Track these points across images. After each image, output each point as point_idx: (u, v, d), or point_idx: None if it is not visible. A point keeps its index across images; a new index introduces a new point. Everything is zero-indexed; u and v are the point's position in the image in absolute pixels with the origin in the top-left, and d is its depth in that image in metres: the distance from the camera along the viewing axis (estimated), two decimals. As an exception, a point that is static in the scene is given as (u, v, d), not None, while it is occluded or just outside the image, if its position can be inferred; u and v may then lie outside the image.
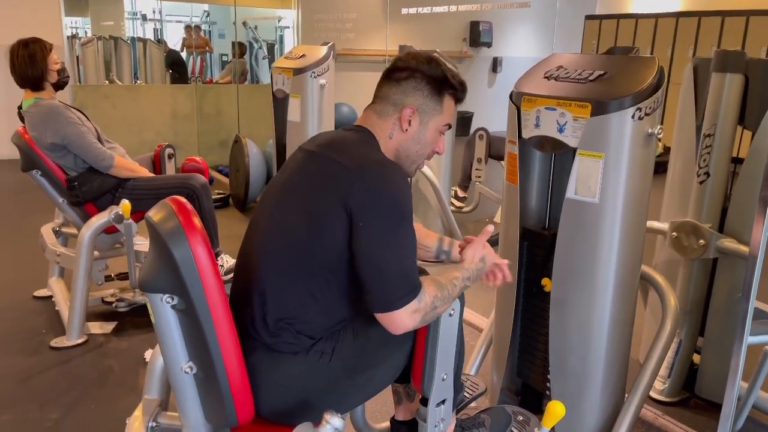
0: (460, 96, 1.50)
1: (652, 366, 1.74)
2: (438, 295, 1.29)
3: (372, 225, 1.25)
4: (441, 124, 1.47)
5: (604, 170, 1.59)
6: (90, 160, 2.59)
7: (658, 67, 1.58)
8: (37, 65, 2.54)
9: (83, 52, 8.61)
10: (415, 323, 1.26)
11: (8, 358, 2.47)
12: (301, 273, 1.29)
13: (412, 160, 1.47)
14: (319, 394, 1.29)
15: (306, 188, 1.34)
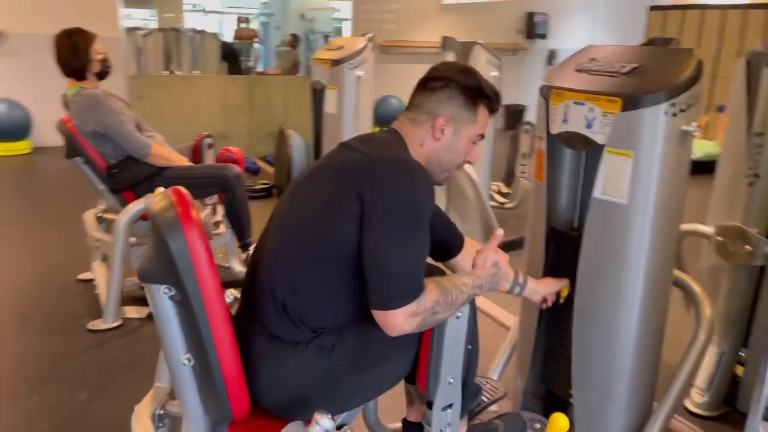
0: (495, 107, 1.50)
1: (683, 378, 1.64)
2: (440, 300, 1.25)
3: (383, 219, 1.22)
4: (475, 134, 1.47)
5: (634, 170, 1.50)
6: (129, 148, 2.65)
7: (696, 61, 1.47)
8: (80, 55, 2.61)
9: (144, 44, 8.90)
10: (412, 327, 1.22)
11: (47, 339, 2.57)
12: (312, 259, 1.28)
13: (443, 168, 1.47)
14: (318, 389, 1.28)
15: (328, 175, 1.35)
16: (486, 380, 1.87)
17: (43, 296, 2.96)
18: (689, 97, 1.46)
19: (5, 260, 3.43)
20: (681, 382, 1.63)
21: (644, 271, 1.57)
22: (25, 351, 2.49)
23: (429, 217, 1.28)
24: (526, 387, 2.03)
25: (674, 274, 1.70)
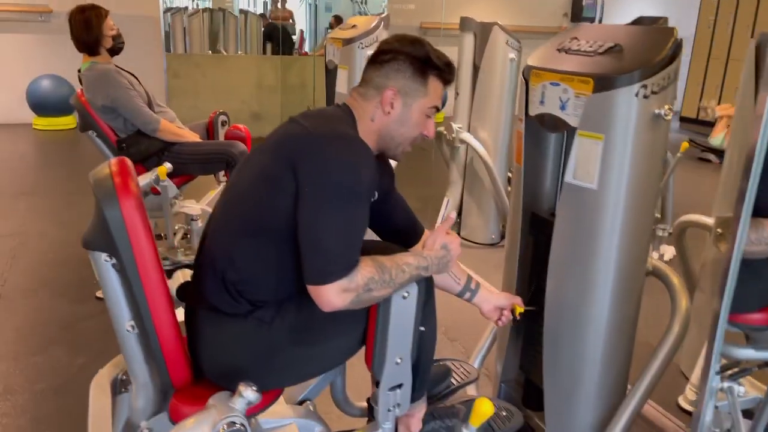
0: (447, 77, 1.45)
1: (655, 369, 1.57)
2: (375, 277, 1.23)
3: (316, 193, 1.22)
4: (426, 107, 1.43)
5: (604, 154, 1.44)
6: (137, 123, 2.72)
7: (674, 40, 1.40)
8: (93, 31, 2.69)
9: (189, 23, 9.07)
10: (344, 303, 1.21)
11: (57, 304, 2.69)
12: (250, 232, 1.29)
13: (397, 143, 1.44)
14: (258, 361, 1.29)
15: (268, 148, 1.36)
16: (460, 363, 1.86)
17: (62, 263, 3.09)
18: (662, 78, 1.39)
19: (35, 227, 3.60)
20: (652, 373, 1.57)
21: (615, 258, 1.52)
22: (35, 314, 2.61)
23: (368, 194, 1.27)
24: (507, 374, 2.01)
25: (653, 264, 1.64)
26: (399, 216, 1.61)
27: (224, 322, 1.29)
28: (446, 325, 2.65)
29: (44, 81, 6.25)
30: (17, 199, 4.09)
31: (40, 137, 6.13)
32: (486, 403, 1.22)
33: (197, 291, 1.34)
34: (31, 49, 6.55)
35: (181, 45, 8.45)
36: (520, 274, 1.84)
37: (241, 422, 1.11)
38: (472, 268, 3.26)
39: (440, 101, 1.46)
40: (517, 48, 3.33)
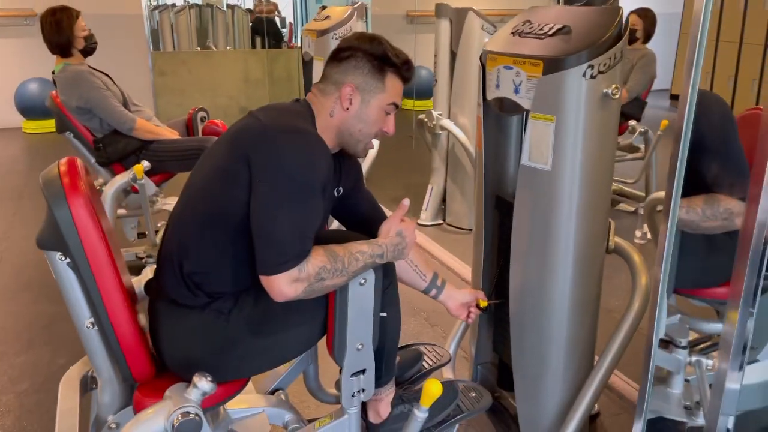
0: (405, 74, 1.46)
1: (618, 344, 1.60)
2: (327, 266, 1.25)
3: (267, 185, 1.24)
4: (385, 103, 1.44)
5: (556, 135, 1.46)
6: (113, 123, 2.73)
7: (619, 19, 1.41)
8: (64, 32, 2.69)
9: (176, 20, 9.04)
10: (296, 293, 1.22)
11: (41, 305, 2.71)
12: (206, 224, 1.31)
13: (357, 139, 1.46)
14: (217, 352, 1.31)
15: (224, 141, 1.39)
16: (432, 347, 1.88)
17: (44, 265, 3.09)
18: (609, 57, 1.40)
19: (21, 230, 3.62)
20: (615, 348, 1.60)
21: (574, 238, 1.54)
22: (19, 315, 2.64)
23: (321, 186, 1.28)
24: (482, 356, 2.04)
25: (616, 242, 1.66)
26: (364, 209, 1.62)
27: (183, 315, 1.31)
28: (427, 311, 2.68)
29: (31, 84, 6.25)
30: (5, 204, 4.11)
31: (30, 140, 6.15)
32: (435, 384, 1.24)
33: (158, 285, 1.36)
34: (17, 53, 6.54)
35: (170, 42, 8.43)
36: (488, 258, 1.86)
37: (195, 412, 1.13)
38: (456, 253, 3.30)
39: (399, 98, 1.47)
40: (493, 32, 3.32)
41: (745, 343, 1.14)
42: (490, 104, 1.67)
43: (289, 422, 1.58)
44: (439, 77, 3.57)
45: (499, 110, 1.66)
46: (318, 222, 1.30)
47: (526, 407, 1.74)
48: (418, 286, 1.66)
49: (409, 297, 2.78)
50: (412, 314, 2.65)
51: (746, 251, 1.05)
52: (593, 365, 1.68)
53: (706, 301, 1.86)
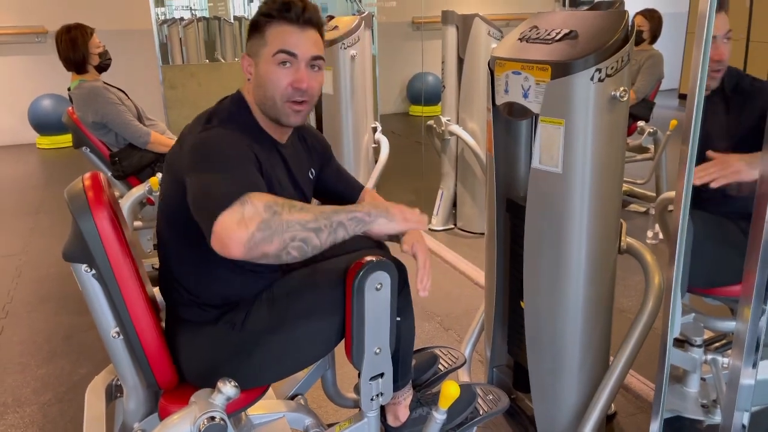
0: (286, 15, 1.30)
1: (632, 344, 1.61)
2: (277, 201, 1.10)
3: (191, 171, 1.19)
4: (270, 55, 1.30)
5: (566, 138, 1.48)
6: (128, 137, 2.78)
7: (625, 23, 1.43)
8: (79, 49, 2.75)
9: (185, 34, 9.14)
10: (250, 233, 1.05)
11: (60, 317, 2.76)
12: (184, 245, 1.32)
13: (269, 105, 1.34)
14: (235, 363, 1.33)
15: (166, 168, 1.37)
16: (447, 350, 1.90)
17: (63, 278, 3.17)
18: (616, 60, 1.42)
19: (39, 245, 3.68)
20: (630, 348, 1.61)
21: (586, 239, 1.56)
22: (40, 327, 2.69)
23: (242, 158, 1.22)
24: (497, 359, 2.05)
25: (628, 242, 1.67)
26: (341, 186, 1.63)
27: (196, 330, 1.34)
28: (441, 316, 2.70)
29: (45, 100, 6.36)
30: (23, 219, 4.18)
31: (44, 156, 6.24)
32: (452, 385, 1.26)
33: (166, 301, 1.39)
34: (30, 70, 6.66)
35: (179, 56, 8.53)
36: (500, 261, 1.88)
37: (220, 416, 1.16)
38: (469, 257, 3.32)
39: (287, 43, 1.29)
40: (499, 38, 3.36)
41: (758, 340, 1.15)
42: (499, 109, 1.70)
43: (309, 427, 1.60)
44: (446, 83, 3.60)
45: (508, 115, 1.69)
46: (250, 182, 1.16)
47: (542, 408, 1.75)
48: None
49: (423, 302, 2.81)
50: (426, 319, 2.68)
51: (757, 248, 1.07)
52: (608, 365, 1.69)
53: (720, 299, 1.87)
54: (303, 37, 1.31)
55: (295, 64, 1.31)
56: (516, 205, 1.80)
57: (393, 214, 1.25)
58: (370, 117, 3.44)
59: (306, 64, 1.32)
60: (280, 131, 1.42)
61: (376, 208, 1.23)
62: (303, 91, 1.32)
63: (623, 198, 1.73)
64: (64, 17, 6.38)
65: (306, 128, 1.58)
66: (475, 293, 2.92)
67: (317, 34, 1.36)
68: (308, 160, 1.54)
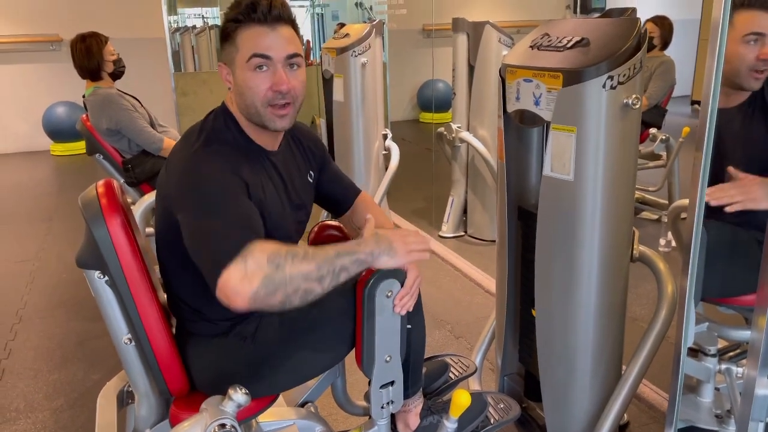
0: (253, 16, 1.25)
1: (645, 353, 1.60)
2: (280, 252, 1.10)
3: (185, 211, 1.19)
4: (244, 60, 1.26)
5: (578, 146, 1.48)
6: (141, 143, 2.81)
7: (638, 30, 1.43)
8: (94, 57, 2.78)
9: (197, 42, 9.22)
10: (254, 288, 1.05)
11: (73, 323, 2.78)
12: (183, 268, 1.29)
13: (255, 113, 1.29)
14: (245, 373, 1.33)
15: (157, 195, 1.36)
16: (458, 358, 1.89)
17: (76, 283, 3.19)
18: (628, 68, 1.41)
19: (53, 250, 3.72)
20: (642, 357, 1.59)
21: (598, 247, 1.55)
22: (52, 333, 2.71)
23: (232, 193, 1.20)
24: (508, 367, 2.04)
25: (640, 251, 1.66)
26: (338, 190, 1.60)
27: (207, 343, 1.34)
28: (452, 323, 2.69)
29: (59, 108, 6.43)
30: (37, 225, 4.22)
31: (58, 162, 6.31)
32: (464, 394, 1.25)
33: (174, 315, 1.39)
34: (45, 78, 6.74)
35: (191, 63, 8.60)
36: (511, 268, 1.87)
37: (231, 424, 1.16)
38: (480, 265, 3.31)
39: (258, 47, 1.25)
40: (510, 45, 3.36)
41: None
42: (510, 116, 1.69)
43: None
44: (457, 90, 3.61)
45: (519, 122, 1.68)
46: (251, 222, 1.18)
47: (554, 418, 1.74)
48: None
49: (434, 309, 2.81)
50: (437, 326, 2.67)
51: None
52: (621, 375, 1.68)
53: (735, 308, 1.85)
54: (275, 36, 1.26)
55: (271, 66, 1.26)
56: (527, 212, 1.79)
57: (395, 250, 1.23)
58: (380, 124, 3.45)
59: (283, 64, 1.27)
60: (270, 138, 1.37)
61: (378, 245, 1.22)
62: (284, 93, 1.27)
63: (635, 205, 1.72)
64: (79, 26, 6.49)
65: (300, 129, 1.54)
66: (486, 301, 2.91)
67: (290, 29, 1.29)
68: (306, 163, 1.50)
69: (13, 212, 4.58)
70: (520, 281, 1.87)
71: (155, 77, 6.62)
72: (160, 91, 6.39)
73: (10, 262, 3.56)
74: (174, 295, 1.37)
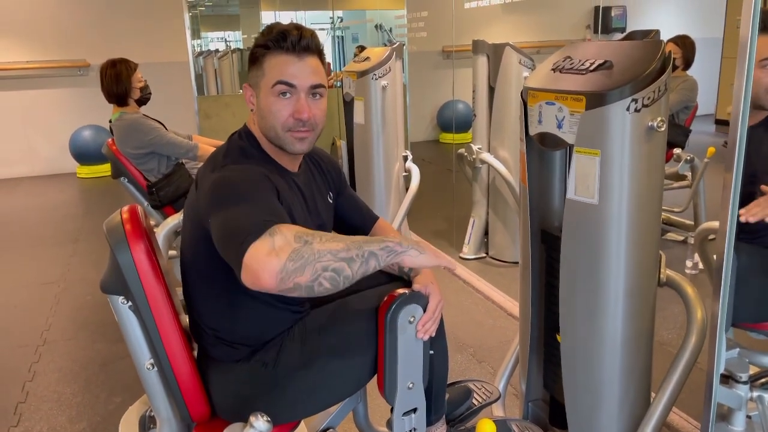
0: (282, 44, 1.28)
1: (675, 380, 1.55)
2: (308, 231, 1.09)
3: (213, 212, 1.18)
4: (269, 86, 1.30)
5: (602, 169, 1.46)
6: (178, 154, 2.86)
7: (662, 53, 1.41)
8: (122, 83, 2.84)
9: (220, 65, 9.38)
10: (282, 263, 1.02)
11: (96, 346, 2.80)
12: (208, 289, 1.33)
13: (273, 136, 1.33)
14: (267, 400, 1.32)
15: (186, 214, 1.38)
16: (482, 384, 1.86)
17: (100, 306, 3.22)
18: (653, 90, 1.40)
19: (77, 273, 3.76)
20: (672, 385, 1.55)
21: (624, 272, 1.52)
22: (76, 354, 2.73)
23: (263, 188, 1.21)
24: (532, 393, 2.00)
25: (668, 275, 1.63)
26: (355, 216, 1.61)
27: (228, 369, 1.34)
28: (474, 347, 2.66)
29: (85, 131, 6.56)
30: (62, 247, 4.28)
31: (84, 185, 6.42)
32: (488, 424, 1.23)
33: (195, 340, 1.39)
34: (72, 102, 6.90)
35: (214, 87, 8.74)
36: (535, 292, 1.85)
37: (252, 452, 1.15)
38: (501, 287, 3.28)
39: (284, 74, 1.29)
40: (531, 66, 3.36)
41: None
42: (532, 139, 1.68)
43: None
44: (477, 111, 3.61)
45: (541, 145, 1.67)
46: (281, 211, 1.18)
47: (581, 444, 1.69)
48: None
49: (455, 332, 2.78)
50: (459, 350, 2.64)
51: (807, 284, 1.03)
52: (650, 402, 1.64)
53: (765, 333, 1.80)
54: (301, 66, 1.29)
55: (294, 94, 1.30)
56: (551, 236, 1.77)
57: (424, 249, 1.22)
58: (401, 146, 3.46)
59: (306, 93, 1.31)
60: (290, 159, 1.40)
61: (407, 240, 1.21)
62: (304, 121, 1.30)
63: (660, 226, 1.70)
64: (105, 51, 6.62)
65: (319, 152, 1.57)
66: (509, 324, 2.88)
67: (316, 60, 1.33)
68: (325, 185, 1.53)
69: (40, 234, 4.66)
70: (544, 305, 1.85)
71: (179, 101, 6.73)
72: (184, 114, 6.50)
73: (36, 284, 3.61)
74: (196, 318, 1.37)
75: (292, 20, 10.26)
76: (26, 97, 6.80)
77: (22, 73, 6.67)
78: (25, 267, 3.94)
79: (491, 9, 7.98)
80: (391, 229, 1.65)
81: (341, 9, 10.39)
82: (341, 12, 11.40)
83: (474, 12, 7.07)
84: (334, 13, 10.13)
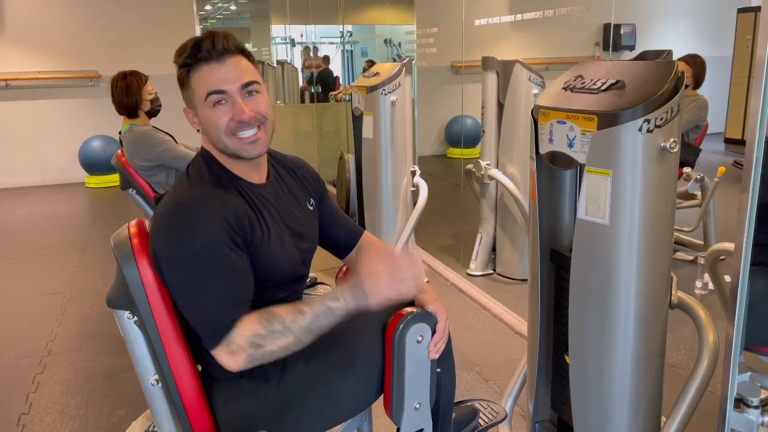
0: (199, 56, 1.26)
1: (686, 405, 1.53)
2: (260, 332, 1.19)
3: (168, 273, 1.22)
4: (201, 100, 1.28)
5: (613, 189, 1.44)
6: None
7: (675, 73, 1.40)
8: (133, 95, 2.85)
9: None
10: (240, 364, 1.19)
11: (101, 358, 2.79)
12: None
13: (225, 146, 1.30)
14: (271, 417, 1.30)
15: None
16: (488, 403, 1.84)
17: (105, 317, 3.22)
18: (666, 111, 1.39)
19: (83, 283, 3.76)
20: (683, 409, 1.53)
21: (635, 293, 1.50)
22: (81, 366, 2.72)
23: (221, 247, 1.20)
24: (540, 414, 1.98)
25: (679, 297, 1.61)
26: (336, 230, 1.56)
27: (230, 387, 1.33)
28: (480, 365, 2.63)
29: (95, 141, 6.60)
30: (69, 257, 4.29)
31: (92, 194, 6.45)
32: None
33: (196, 360, 1.36)
34: (83, 112, 6.95)
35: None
36: (543, 311, 1.83)
37: (257, 471, 1.13)
38: (509, 305, 3.25)
39: (210, 84, 1.26)
40: (540, 83, 3.35)
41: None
42: (543, 158, 1.67)
43: (345, 481, 1.56)
44: (486, 128, 3.60)
45: (552, 164, 1.66)
46: (241, 281, 1.23)
47: (590, 469, 1.67)
48: None
49: (462, 350, 2.75)
50: (465, 369, 2.61)
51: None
52: (660, 426, 1.61)
53: (778, 357, 1.78)
54: (225, 70, 1.26)
55: (228, 99, 1.27)
56: (561, 255, 1.75)
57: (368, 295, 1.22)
58: (409, 161, 3.46)
59: (239, 94, 1.28)
60: (251, 169, 1.36)
61: (353, 296, 1.23)
62: (246, 121, 1.27)
63: (671, 247, 1.68)
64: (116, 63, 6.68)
65: (294, 160, 1.53)
66: (516, 342, 2.85)
67: (239, 58, 1.30)
68: (303, 192, 1.48)
69: (48, 244, 4.67)
70: (553, 325, 1.82)
71: (188, 112, 6.77)
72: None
73: (43, 293, 3.62)
74: (194, 340, 1.35)
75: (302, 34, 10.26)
76: (37, 107, 6.86)
77: (34, 83, 6.73)
78: (32, 276, 3.95)
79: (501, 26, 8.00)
80: (377, 242, 1.61)
81: (351, 23, 10.45)
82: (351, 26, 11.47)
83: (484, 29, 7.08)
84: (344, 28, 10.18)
